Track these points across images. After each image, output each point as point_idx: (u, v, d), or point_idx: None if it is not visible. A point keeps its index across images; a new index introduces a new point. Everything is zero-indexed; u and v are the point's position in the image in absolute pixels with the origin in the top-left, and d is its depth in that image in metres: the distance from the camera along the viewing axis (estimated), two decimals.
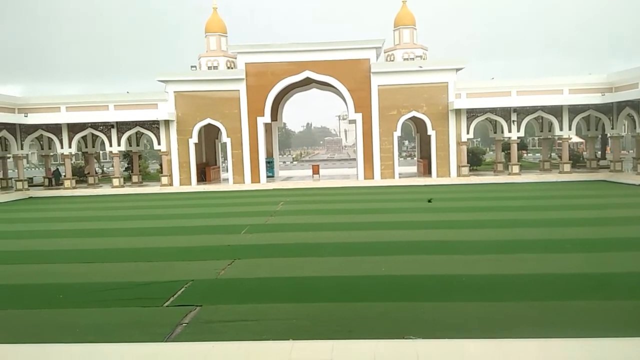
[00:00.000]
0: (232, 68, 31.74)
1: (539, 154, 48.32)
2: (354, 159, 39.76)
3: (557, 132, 29.62)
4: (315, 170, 34.53)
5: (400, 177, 30.25)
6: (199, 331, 6.76)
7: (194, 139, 30.18)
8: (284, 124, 41.79)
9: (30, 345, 6.38)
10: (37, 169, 66.54)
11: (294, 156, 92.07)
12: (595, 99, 28.11)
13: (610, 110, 28.96)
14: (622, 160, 30.05)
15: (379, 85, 29.50)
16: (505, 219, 15.31)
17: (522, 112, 29.43)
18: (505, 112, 29.48)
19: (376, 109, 29.62)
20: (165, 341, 6.44)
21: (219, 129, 31.35)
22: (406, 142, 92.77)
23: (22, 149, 30.50)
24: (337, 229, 14.48)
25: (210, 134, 34.90)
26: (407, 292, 8.20)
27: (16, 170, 31.40)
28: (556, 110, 29.24)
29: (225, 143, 30.98)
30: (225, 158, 33.19)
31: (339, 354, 5.70)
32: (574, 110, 29.24)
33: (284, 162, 67.13)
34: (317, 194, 25.52)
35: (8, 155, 32.02)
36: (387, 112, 29.60)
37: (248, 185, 30.01)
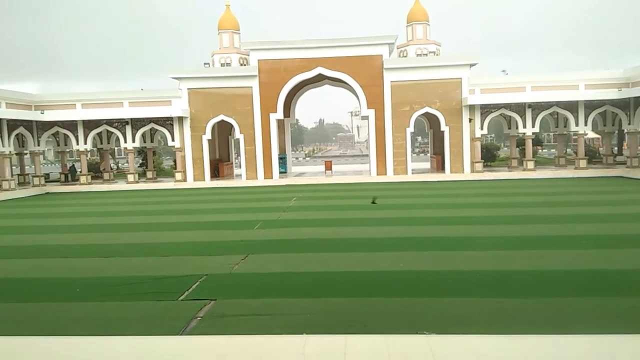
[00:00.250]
0: (244, 65, 31.85)
1: (554, 150, 47.81)
2: (367, 155, 39.67)
3: (573, 127, 29.29)
4: (328, 166, 34.54)
5: (413, 173, 30.14)
6: (213, 325, 6.82)
7: (207, 136, 30.36)
8: (297, 120, 41.92)
9: (47, 338, 6.49)
10: (53, 165, 67.45)
11: (306, 152, 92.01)
12: (612, 94, 27.72)
13: (627, 105, 28.52)
14: (639, 156, 29.58)
15: (391, 81, 29.38)
16: (520, 215, 15.19)
17: (537, 107, 29.12)
18: (519, 108, 29.19)
19: (389, 105, 29.52)
20: (180, 334, 6.51)
21: (232, 126, 31.52)
22: (419, 138, 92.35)
23: (38, 145, 30.94)
24: (349, 224, 14.48)
25: (223, 131, 35.10)
26: (420, 288, 8.18)
27: (33, 166, 31.84)
28: (572, 106, 28.89)
29: (238, 139, 31.14)
30: (238, 154, 33.34)
31: (353, 348, 5.71)
32: (590, 105, 28.85)
33: (297, 158, 67.18)
34: (330, 189, 25.53)
35: (25, 152, 32.51)
36: (399, 108, 29.48)
37: (261, 181, 30.13)
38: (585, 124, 29.04)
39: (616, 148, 38.86)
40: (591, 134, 42.99)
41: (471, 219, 14.65)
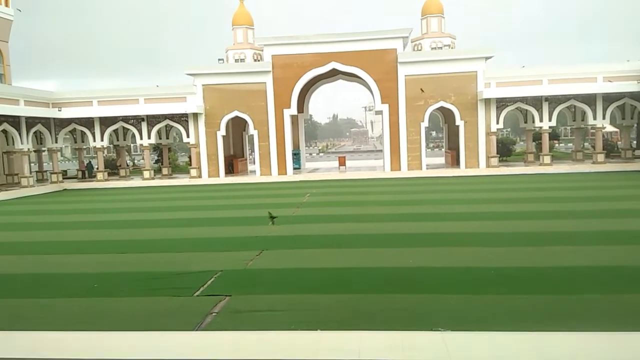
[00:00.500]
0: (258, 60, 31.90)
1: (571, 144, 47.16)
2: (381, 151, 39.52)
3: (591, 121, 28.83)
4: (342, 162, 34.48)
5: (427, 169, 29.96)
6: (228, 320, 6.86)
7: (221, 132, 30.50)
8: (310, 115, 41.85)
9: (64, 333, 6.58)
10: (70, 162, 68.36)
11: (320, 148, 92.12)
12: (631, 86, 27.24)
13: None
14: None
15: (406, 76, 29.18)
16: (536, 210, 15.01)
17: (553, 100, 28.71)
18: (536, 101, 28.81)
19: (403, 100, 29.34)
20: (196, 330, 6.56)
21: (246, 122, 31.62)
22: (433, 133, 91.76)
23: (56, 142, 31.39)
24: (363, 220, 14.46)
25: (237, 127, 35.22)
26: (435, 284, 8.13)
27: (51, 163, 32.31)
28: (589, 99, 28.43)
29: (252, 135, 31.23)
30: (253, 150, 33.46)
31: (367, 344, 5.70)
32: (608, 98, 28.37)
33: (310, 154, 67.20)
34: (344, 185, 25.50)
35: (43, 149, 32.99)
36: (414, 103, 29.28)
37: (275, 177, 30.20)
38: (603, 118, 28.56)
39: (635, 142, 38.09)
40: (609, 128, 42.28)
41: (487, 215, 14.51)
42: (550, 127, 29.32)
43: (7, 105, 26.76)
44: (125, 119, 30.95)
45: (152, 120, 30.90)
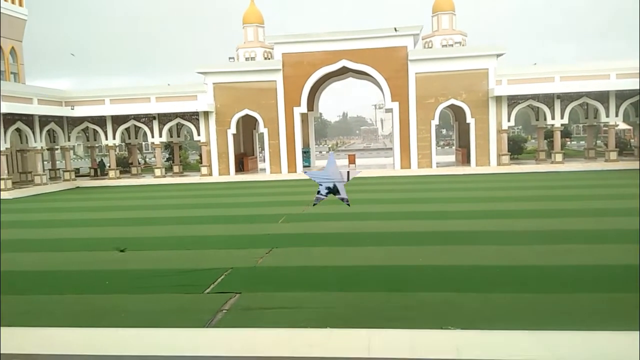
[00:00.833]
0: (269, 59, 31.92)
1: (583, 142, 46.67)
2: (391, 149, 39.40)
3: (603, 118, 28.52)
4: (351, 160, 34.40)
5: (438, 167, 29.85)
6: (238, 318, 6.91)
7: (232, 130, 30.61)
8: (320, 113, 41.80)
9: (75, 329, 6.66)
10: (83, 160, 68.98)
11: (330, 146, 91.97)
12: None
13: None
14: None
15: (416, 73, 29.07)
16: (549, 208, 14.91)
17: (566, 98, 28.44)
18: (548, 99, 28.56)
19: (413, 97, 29.22)
20: (206, 327, 6.62)
21: (256, 120, 31.70)
22: (444, 131, 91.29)
23: (69, 140, 31.71)
24: (373, 218, 14.44)
25: (248, 125, 35.32)
26: (446, 283, 8.12)
27: (64, 161, 32.64)
28: (602, 96, 28.11)
29: (262, 133, 31.32)
30: (263, 148, 33.55)
31: (377, 342, 5.72)
32: (622, 95, 28.03)
33: (320, 152, 67.03)
34: (353, 183, 25.29)
35: (56, 147, 33.33)
36: (424, 100, 29.16)
37: (285, 175, 30.26)
38: (616, 115, 28.24)
39: None
40: (622, 125, 41.69)
41: (498, 213, 14.44)
42: (562, 124, 29.05)
43: (21, 104, 27.05)
44: (137, 117, 31.16)
45: (163, 118, 31.09)
